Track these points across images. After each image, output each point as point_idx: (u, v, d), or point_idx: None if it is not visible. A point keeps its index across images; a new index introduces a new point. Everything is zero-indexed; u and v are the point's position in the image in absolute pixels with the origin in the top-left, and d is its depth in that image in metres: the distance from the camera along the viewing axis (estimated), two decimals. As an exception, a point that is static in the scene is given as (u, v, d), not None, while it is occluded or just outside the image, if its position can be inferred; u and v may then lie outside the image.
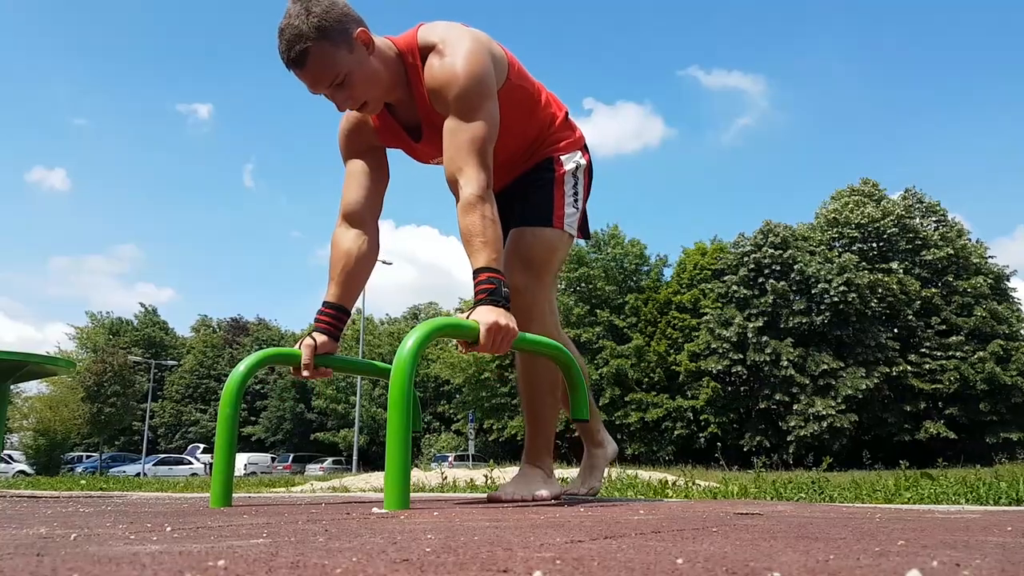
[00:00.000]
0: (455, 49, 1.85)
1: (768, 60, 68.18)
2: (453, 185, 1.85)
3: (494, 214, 1.81)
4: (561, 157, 2.19)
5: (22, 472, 27.73)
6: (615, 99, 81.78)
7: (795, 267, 32.50)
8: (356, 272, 2.09)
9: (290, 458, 36.87)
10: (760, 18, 68.92)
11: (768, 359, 31.30)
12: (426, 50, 1.91)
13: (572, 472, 7.00)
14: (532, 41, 76.85)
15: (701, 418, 32.71)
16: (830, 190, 41.90)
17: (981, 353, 30.91)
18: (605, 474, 2.76)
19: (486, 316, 1.70)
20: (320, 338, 2.03)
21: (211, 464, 6.42)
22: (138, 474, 26.90)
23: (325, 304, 2.08)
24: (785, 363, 31.07)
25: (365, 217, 2.11)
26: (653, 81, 72.11)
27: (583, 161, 2.24)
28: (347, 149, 2.15)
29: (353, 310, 2.15)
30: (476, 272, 1.77)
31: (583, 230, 2.28)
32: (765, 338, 31.61)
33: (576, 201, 2.19)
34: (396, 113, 2.06)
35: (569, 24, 76.17)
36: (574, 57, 76.24)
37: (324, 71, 1.79)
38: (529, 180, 2.21)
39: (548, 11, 77.66)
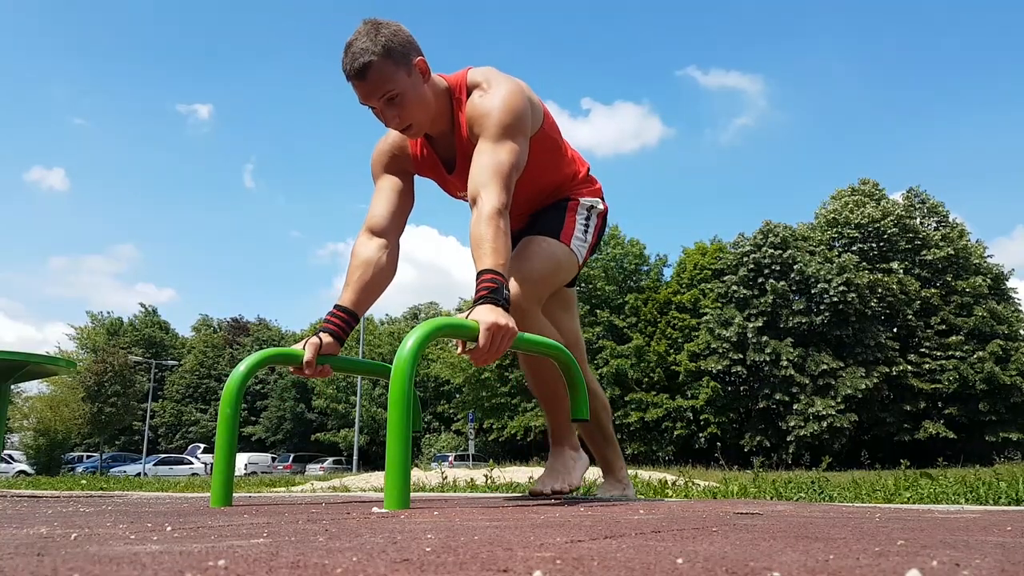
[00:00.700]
0: (498, 87, 2.02)
1: (766, 60, 68.19)
2: (474, 198, 1.91)
3: (508, 229, 1.87)
4: (580, 198, 2.34)
5: (23, 472, 27.75)
6: (613, 99, 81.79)
7: (795, 267, 32.51)
8: (372, 282, 2.15)
9: (290, 458, 36.86)
10: (757, 18, 68.89)
11: (768, 359, 31.30)
12: (472, 87, 2.07)
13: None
14: (531, 41, 76.97)
15: (701, 418, 32.71)
16: (830, 190, 41.94)
17: (980, 353, 30.92)
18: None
19: (486, 316, 1.71)
20: (326, 339, 2.06)
21: (211, 464, 6.37)
22: (138, 474, 26.89)
23: (336, 307, 2.11)
24: (785, 363, 31.07)
25: (388, 232, 2.20)
26: (651, 81, 72.11)
27: (600, 207, 2.38)
28: (381, 168, 2.26)
29: None
30: (480, 273, 1.79)
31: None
32: (765, 338, 31.61)
33: (586, 232, 2.31)
34: (435, 145, 2.20)
35: (567, 24, 76.20)
36: (572, 57, 76.23)
37: (380, 85, 1.93)
38: (544, 209, 2.34)
39: (546, 11, 77.69)
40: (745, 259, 33.51)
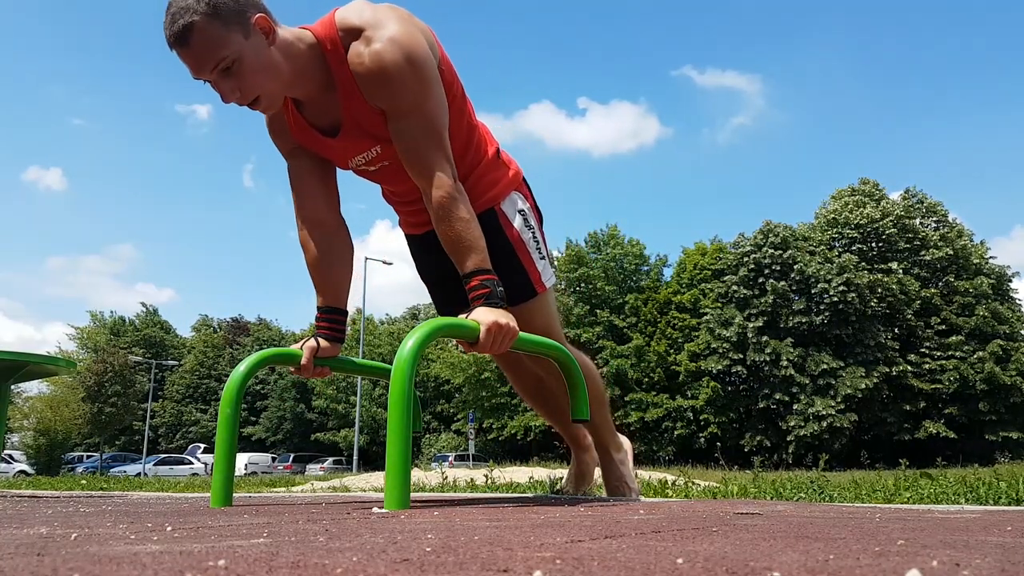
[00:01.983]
0: (383, 32, 1.68)
1: (763, 59, 68.21)
2: (421, 185, 1.81)
3: (469, 211, 1.78)
4: (503, 207, 2.05)
5: (23, 472, 27.76)
6: (609, 98, 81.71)
7: (795, 267, 32.52)
8: (335, 271, 2.01)
9: (290, 458, 36.85)
10: (753, 18, 68.92)
11: (768, 359, 31.30)
12: (347, 34, 1.72)
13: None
14: (528, 41, 76.96)
15: (701, 418, 32.72)
16: (830, 190, 41.93)
17: (981, 353, 30.94)
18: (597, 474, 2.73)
19: (485, 316, 1.71)
20: (323, 343, 2.02)
21: (212, 464, 6.37)
22: (139, 474, 26.88)
23: (319, 310, 2.05)
24: (785, 363, 31.08)
25: (323, 213, 2.00)
26: (647, 80, 72.07)
27: (526, 205, 2.11)
28: (281, 147, 1.99)
29: (353, 310, 2.14)
30: (467, 277, 1.77)
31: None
32: (765, 338, 31.62)
33: (540, 251, 2.12)
34: (305, 112, 1.88)
35: (563, 24, 76.19)
36: (569, 56, 76.19)
37: (210, 52, 1.58)
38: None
39: (542, 11, 77.69)
40: (745, 259, 33.52)
